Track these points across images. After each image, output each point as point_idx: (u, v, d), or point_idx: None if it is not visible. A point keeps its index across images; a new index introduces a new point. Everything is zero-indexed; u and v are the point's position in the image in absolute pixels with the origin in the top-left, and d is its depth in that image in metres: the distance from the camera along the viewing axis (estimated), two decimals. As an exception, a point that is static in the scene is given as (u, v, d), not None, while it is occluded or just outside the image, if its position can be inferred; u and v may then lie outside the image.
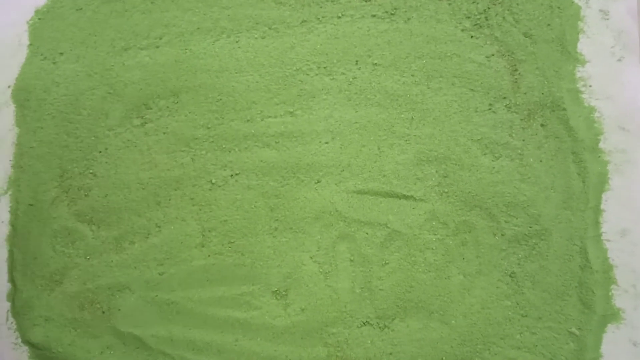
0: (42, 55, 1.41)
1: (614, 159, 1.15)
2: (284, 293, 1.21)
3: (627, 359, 1.10)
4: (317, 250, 1.21)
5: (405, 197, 1.20)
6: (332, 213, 1.21)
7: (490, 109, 1.19)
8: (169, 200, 1.27)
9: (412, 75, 1.23)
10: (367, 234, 1.20)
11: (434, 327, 1.15)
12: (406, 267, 1.18)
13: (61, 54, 1.39)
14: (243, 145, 1.27)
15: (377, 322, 1.17)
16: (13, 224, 1.35)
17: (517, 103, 1.19)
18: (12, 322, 1.32)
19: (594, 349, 1.10)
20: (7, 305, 1.33)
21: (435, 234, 1.18)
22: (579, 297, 1.12)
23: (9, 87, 1.41)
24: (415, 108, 1.22)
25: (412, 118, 1.22)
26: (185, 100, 1.31)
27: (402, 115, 1.22)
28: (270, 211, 1.23)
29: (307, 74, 1.27)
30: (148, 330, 1.24)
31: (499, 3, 1.23)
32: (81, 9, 1.40)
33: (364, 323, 1.18)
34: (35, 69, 1.40)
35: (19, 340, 1.31)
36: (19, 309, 1.31)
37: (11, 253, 1.34)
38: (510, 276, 1.14)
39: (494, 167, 1.17)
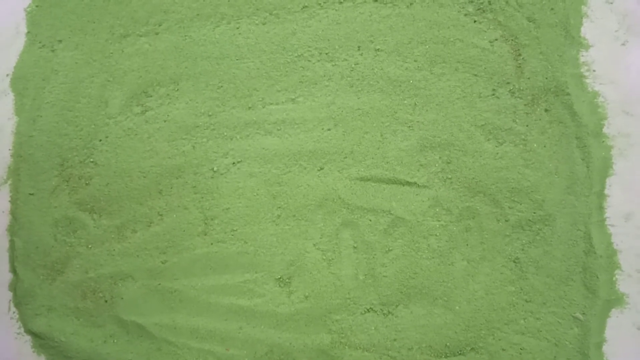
0: (40, 43, 1.39)
1: (618, 143, 1.15)
2: (287, 280, 1.20)
3: (631, 344, 1.10)
4: (320, 238, 1.20)
5: (409, 183, 1.19)
6: (335, 200, 1.21)
7: (493, 94, 1.19)
8: (171, 188, 1.27)
9: (415, 61, 1.22)
10: (370, 220, 1.19)
11: (438, 313, 1.15)
12: (410, 254, 1.17)
13: (60, 41, 1.38)
14: (244, 132, 1.26)
15: (381, 309, 1.17)
16: (14, 214, 1.34)
17: (521, 88, 1.18)
18: (14, 312, 1.32)
19: (598, 333, 1.10)
20: (9, 295, 1.33)
21: (438, 221, 1.17)
22: (583, 282, 1.12)
23: (7, 75, 1.39)
24: (418, 94, 1.21)
25: (415, 104, 1.21)
26: (185, 87, 1.30)
27: (405, 102, 1.21)
28: (272, 199, 1.23)
29: (309, 60, 1.26)
30: (151, 319, 1.24)
31: (502, -13, 1.22)
32: (79, -5, 1.39)
33: (367, 310, 1.18)
34: (34, 57, 1.39)
35: (22, 330, 1.31)
36: (20, 299, 1.31)
37: (12, 243, 1.33)
38: (514, 262, 1.14)
39: (497, 153, 1.17)
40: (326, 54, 1.25)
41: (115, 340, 1.25)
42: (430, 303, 1.16)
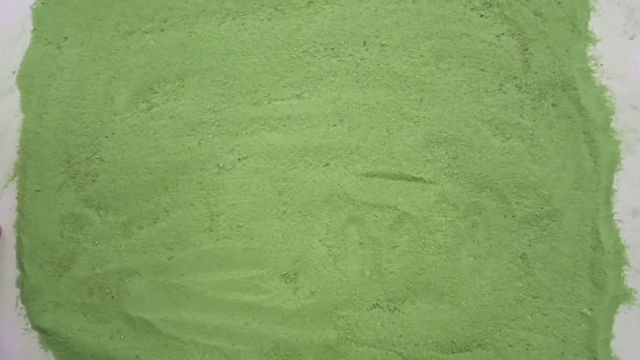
0: (46, 40, 1.39)
1: (626, 138, 1.14)
2: (293, 276, 1.20)
3: (639, 339, 1.09)
4: (326, 234, 1.20)
5: (415, 179, 1.19)
6: (340, 196, 1.20)
7: (500, 89, 1.18)
8: (177, 184, 1.27)
9: (421, 56, 1.21)
10: (376, 216, 1.19)
11: (445, 309, 1.15)
12: (416, 250, 1.17)
13: (65, 38, 1.38)
14: (250, 128, 1.26)
15: (387, 305, 1.17)
16: (20, 211, 1.34)
17: (528, 83, 1.17)
18: (21, 308, 1.32)
19: (606, 329, 1.10)
20: (17, 291, 1.33)
21: (445, 216, 1.17)
22: (591, 278, 1.11)
23: (13, 72, 1.40)
24: (424, 89, 1.20)
25: (421, 99, 1.20)
26: (191, 83, 1.30)
27: (411, 97, 1.21)
28: (278, 195, 1.23)
29: (314, 56, 1.25)
30: (157, 315, 1.24)
31: (509, -19, 1.21)
32: (85, -8, 1.39)
33: (373, 306, 1.17)
34: (40, 54, 1.39)
35: (29, 326, 1.31)
36: (28, 295, 1.31)
37: (19, 239, 1.33)
38: (521, 257, 1.14)
39: (504, 148, 1.16)
40: (332, 49, 1.25)
41: (121, 336, 1.25)
42: (436, 299, 1.15)
